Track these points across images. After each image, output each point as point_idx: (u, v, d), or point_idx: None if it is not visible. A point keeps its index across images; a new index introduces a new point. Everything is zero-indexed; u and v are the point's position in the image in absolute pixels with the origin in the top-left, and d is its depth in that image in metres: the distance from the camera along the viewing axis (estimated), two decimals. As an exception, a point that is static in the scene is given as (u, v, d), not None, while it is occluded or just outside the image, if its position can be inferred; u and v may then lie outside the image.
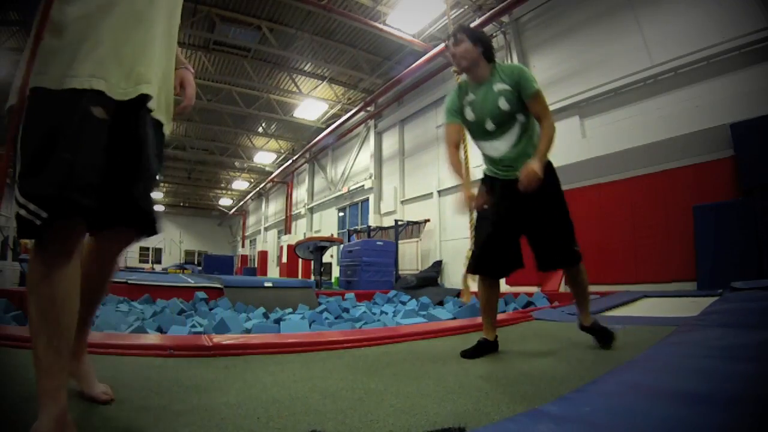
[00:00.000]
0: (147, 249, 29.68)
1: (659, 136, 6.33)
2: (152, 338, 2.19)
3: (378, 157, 14.22)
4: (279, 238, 21.48)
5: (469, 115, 2.13)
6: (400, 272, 10.68)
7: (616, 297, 4.96)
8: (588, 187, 7.00)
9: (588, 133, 7.47)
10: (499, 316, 3.71)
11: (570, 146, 7.27)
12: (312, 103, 13.54)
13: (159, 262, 29.02)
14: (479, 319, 3.54)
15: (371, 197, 14.08)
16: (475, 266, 2.21)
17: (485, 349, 2.16)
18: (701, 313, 2.37)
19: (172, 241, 30.24)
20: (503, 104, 2.02)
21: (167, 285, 6.21)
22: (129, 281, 6.11)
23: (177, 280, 7.17)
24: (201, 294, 5.94)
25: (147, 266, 26.75)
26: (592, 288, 2.44)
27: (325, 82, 12.68)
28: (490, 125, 2.08)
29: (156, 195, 1.13)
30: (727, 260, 5.19)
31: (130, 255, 28.21)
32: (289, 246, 16.50)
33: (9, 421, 1.07)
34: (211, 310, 5.11)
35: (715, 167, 5.69)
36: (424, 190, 11.62)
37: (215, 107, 14.10)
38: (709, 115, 5.86)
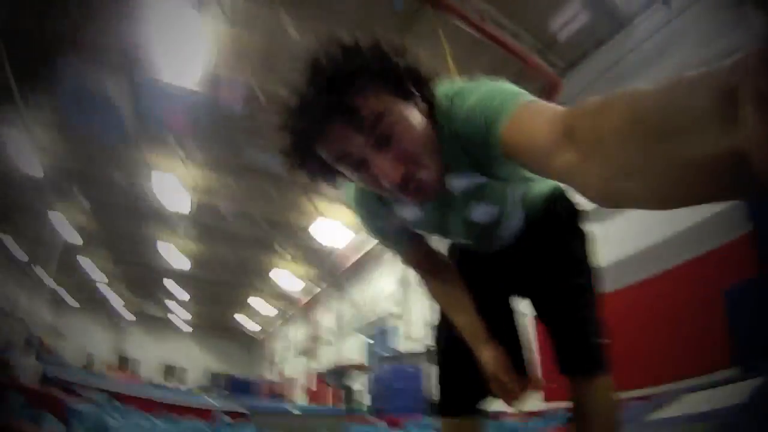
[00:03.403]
0: (172, 367, 29.09)
1: (675, 229, 6.05)
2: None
3: (405, 281, 14.05)
4: (306, 364, 20.74)
5: (418, 227, 1.07)
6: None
7: (651, 399, 4.67)
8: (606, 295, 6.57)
9: (610, 234, 7.19)
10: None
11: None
12: (336, 226, 13.73)
13: (183, 381, 28.19)
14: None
15: (399, 323, 13.71)
16: (442, 401, 1.22)
17: None
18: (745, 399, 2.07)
19: (197, 362, 29.69)
20: (483, 217, 1.00)
21: (190, 405, 5.87)
22: (153, 398, 5.82)
23: (201, 401, 6.77)
24: (225, 419, 5.53)
25: (171, 384, 25.94)
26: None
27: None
28: (466, 240, 1.12)
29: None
30: (763, 340, 4.69)
31: (155, 370, 27.61)
32: (316, 372, 15.82)
33: None
34: (234, 435, 4.67)
35: (736, 246, 5.37)
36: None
37: (240, 230, 14.50)
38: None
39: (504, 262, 1.20)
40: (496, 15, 5.40)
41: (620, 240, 6.93)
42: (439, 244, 1.22)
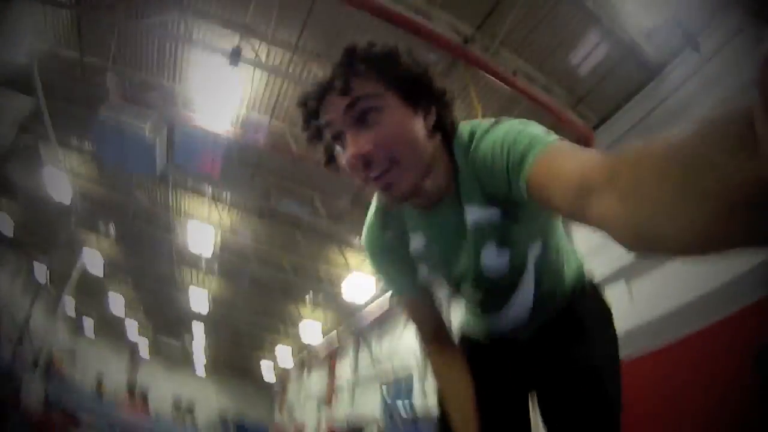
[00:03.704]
0: (180, 402, 28.63)
1: (702, 289, 5.49)
2: None
3: (426, 338, 13.62)
4: (318, 411, 20.10)
5: (423, 270, 1.03)
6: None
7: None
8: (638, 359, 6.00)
9: (635, 295, 6.57)
10: None
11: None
12: (360, 277, 13.55)
13: (193, 418, 27.69)
14: None
15: (416, 376, 13.21)
16: None
17: None
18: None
19: (209, 401, 29.17)
20: (493, 261, 0.93)
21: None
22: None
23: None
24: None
25: (179, 421, 25.52)
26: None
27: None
28: (475, 294, 1.06)
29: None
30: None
31: (162, 404, 27.18)
32: (328, 425, 15.28)
33: None
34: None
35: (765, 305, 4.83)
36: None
37: (263, 274, 14.41)
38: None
39: (516, 356, 1.15)
40: (527, 69, 5.40)
41: (646, 302, 6.43)
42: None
